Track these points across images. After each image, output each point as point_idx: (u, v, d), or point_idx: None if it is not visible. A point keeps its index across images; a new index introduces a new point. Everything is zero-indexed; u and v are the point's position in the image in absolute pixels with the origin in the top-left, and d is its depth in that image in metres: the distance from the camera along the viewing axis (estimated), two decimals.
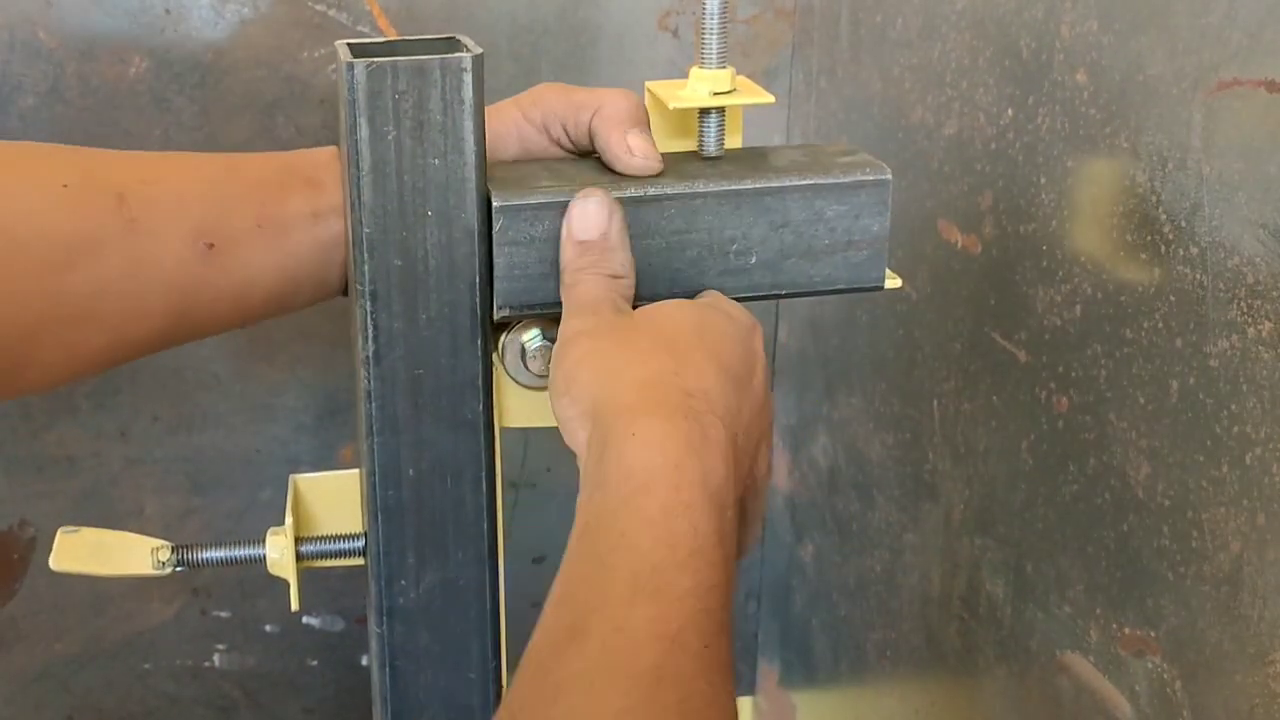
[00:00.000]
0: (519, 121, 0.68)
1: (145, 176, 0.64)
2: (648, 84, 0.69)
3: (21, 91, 0.95)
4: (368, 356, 0.63)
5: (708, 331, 0.60)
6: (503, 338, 0.66)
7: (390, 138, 0.60)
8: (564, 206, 0.63)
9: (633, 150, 0.64)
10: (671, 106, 0.66)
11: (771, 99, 0.66)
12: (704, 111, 0.67)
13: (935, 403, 0.88)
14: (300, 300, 0.67)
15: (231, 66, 0.98)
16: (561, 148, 0.68)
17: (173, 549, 0.68)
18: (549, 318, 0.65)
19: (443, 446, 0.64)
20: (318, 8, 0.98)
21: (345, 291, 0.67)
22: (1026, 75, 0.75)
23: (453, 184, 0.61)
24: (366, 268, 0.62)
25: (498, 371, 0.66)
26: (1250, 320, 0.59)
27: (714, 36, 0.65)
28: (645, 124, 0.66)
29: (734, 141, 0.70)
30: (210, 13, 0.96)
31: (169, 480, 1.07)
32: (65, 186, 0.62)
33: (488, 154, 0.63)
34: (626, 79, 1.00)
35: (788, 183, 0.65)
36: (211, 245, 0.63)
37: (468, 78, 0.60)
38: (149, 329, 0.64)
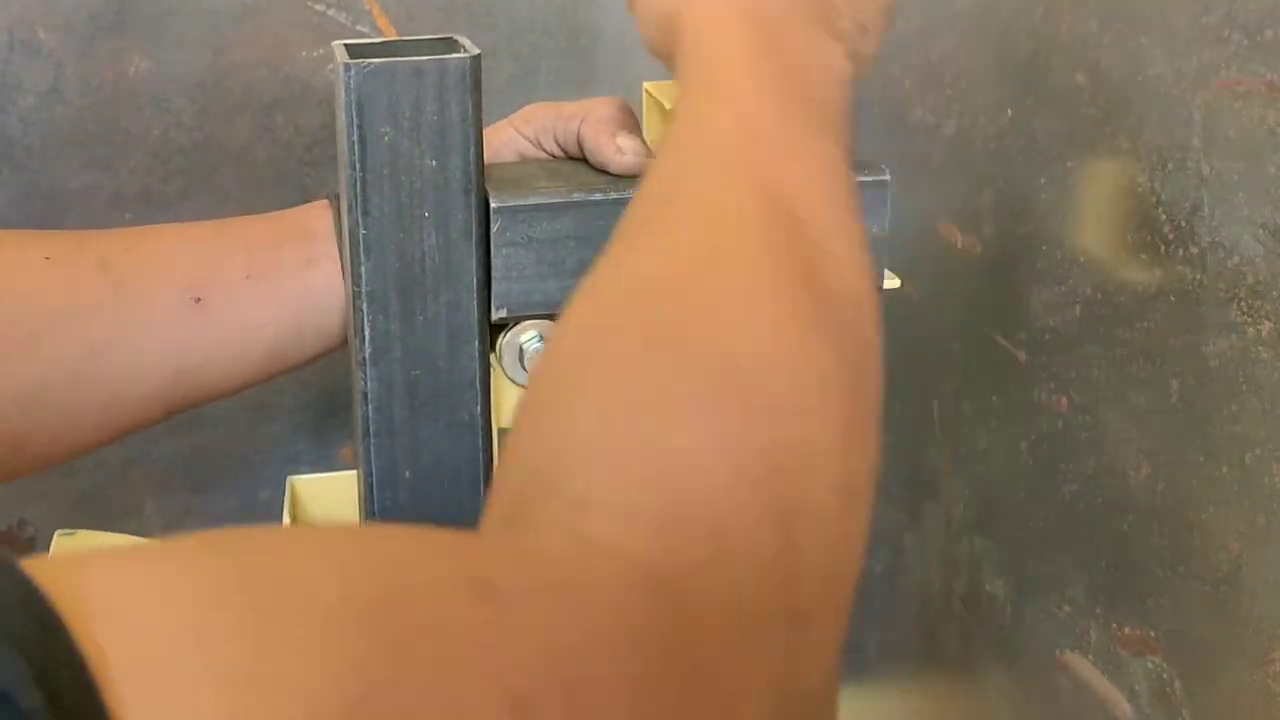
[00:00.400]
0: (515, 138, 0.69)
1: (129, 244, 0.65)
2: (646, 85, 0.69)
3: (21, 91, 0.95)
4: (365, 358, 0.63)
5: None
6: (500, 339, 0.66)
7: (387, 139, 0.60)
8: (562, 207, 0.63)
9: (623, 149, 0.65)
10: (670, 107, 0.66)
11: None
12: None
13: (935, 403, 0.88)
14: (305, 351, 0.67)
15: (231, 66, 0.97)
16: (555, 159, 0.69)
17: None
18: (546, 318, 0.65)
19: (440, 448, 0.64)
20: (317, 8, 0.97)
21: None
22: (1026, 75, 0.75)
23: (450, 185, 0.61)
24: (364, 269, 0.62)
25: (496, 373, 0.66)
26: (1250, 320, 0.59)
27: None
28: (633, 127, 0.66)
29: None
30: (210, 13, 0.96)
31: (168, 480, 1.07)
32: (48, 259, 0.64)
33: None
34: (626, 79, 1.00)
35: None
36: (200, 299, 0.64)
37: (465, 79, 0.60)
38: (147, 389, 0.65)
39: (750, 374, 0.42)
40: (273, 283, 0.65)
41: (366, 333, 0.62)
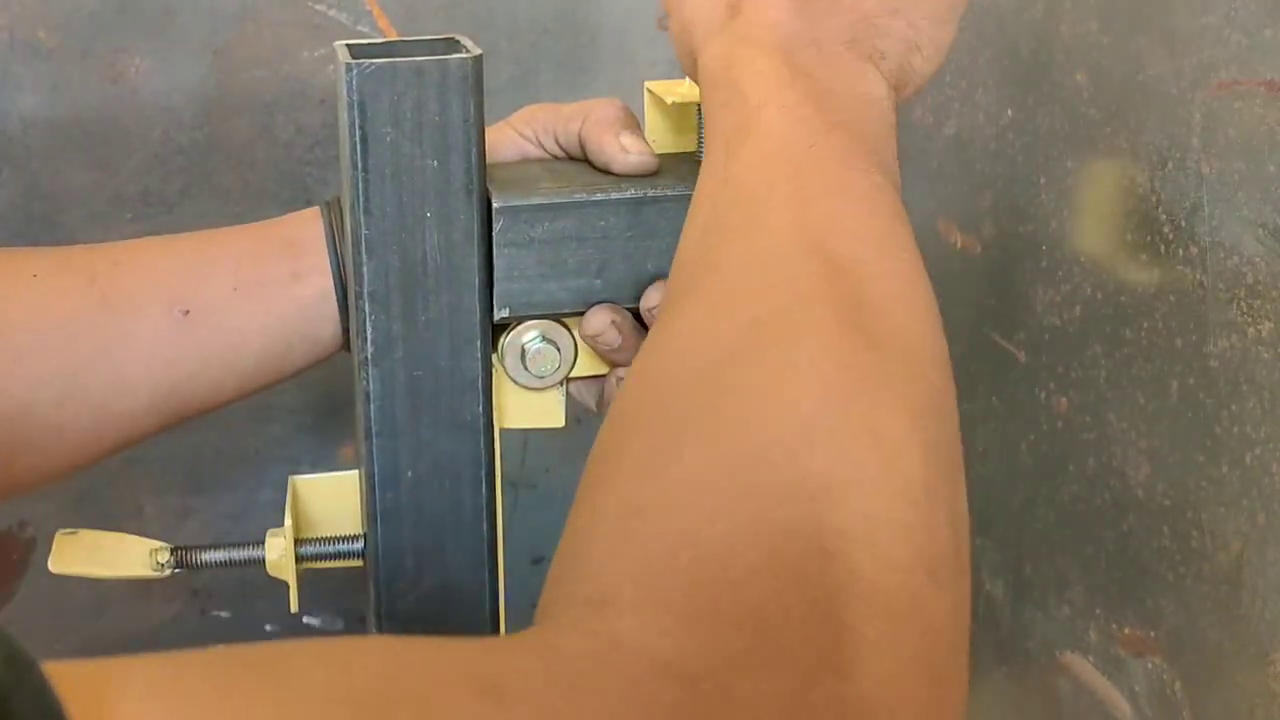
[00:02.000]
0: (515, 139, 0.69)
1: (117, 258, 0.65)
2: (647, 84, 0.69)
3: (21, 91, 0.95)
4: (366, 358, 0.63)
5: None
6: (502, 339, 0.66)
7: (389, 139, 0.60)
8: (563, 207, 0.63)
9: (627, 148, 0.65)
10: (669, 101, 0.66)
11: None
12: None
13: None
14: (294, 362, 0.67)
15: (231, 66, 0.97)
16: (557, 159, 0.69)
17: (171, 550, 0.68)
18: (548, 319, 0.65)
19: (442, 448, 0.64)
20: (318, 8, 0.97)
21: (347, 347, 0.67)
22: (1026, 75, 0.75)
23: (452, 185, 0.61)
24: (365, 269, 0.62)
25: (497, 373, 0.66)
26: (1250, 320, 0.59)
27: None
28: (635, 127, 0.66)
29: None
30: (210, 13, 0.96)
31: (168, 480, 1.07)
32: (35, 276, 0.63)
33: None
34: (627, 79, 1.00)
35: None
36: (187, 313, 0.64)
37: (466, 79, 0.60)
38: (136, 402, 0.65)
39: (786, 452, 0.39)
40: (260, 295, 0.65)
41: (368, 333, 0.62)
